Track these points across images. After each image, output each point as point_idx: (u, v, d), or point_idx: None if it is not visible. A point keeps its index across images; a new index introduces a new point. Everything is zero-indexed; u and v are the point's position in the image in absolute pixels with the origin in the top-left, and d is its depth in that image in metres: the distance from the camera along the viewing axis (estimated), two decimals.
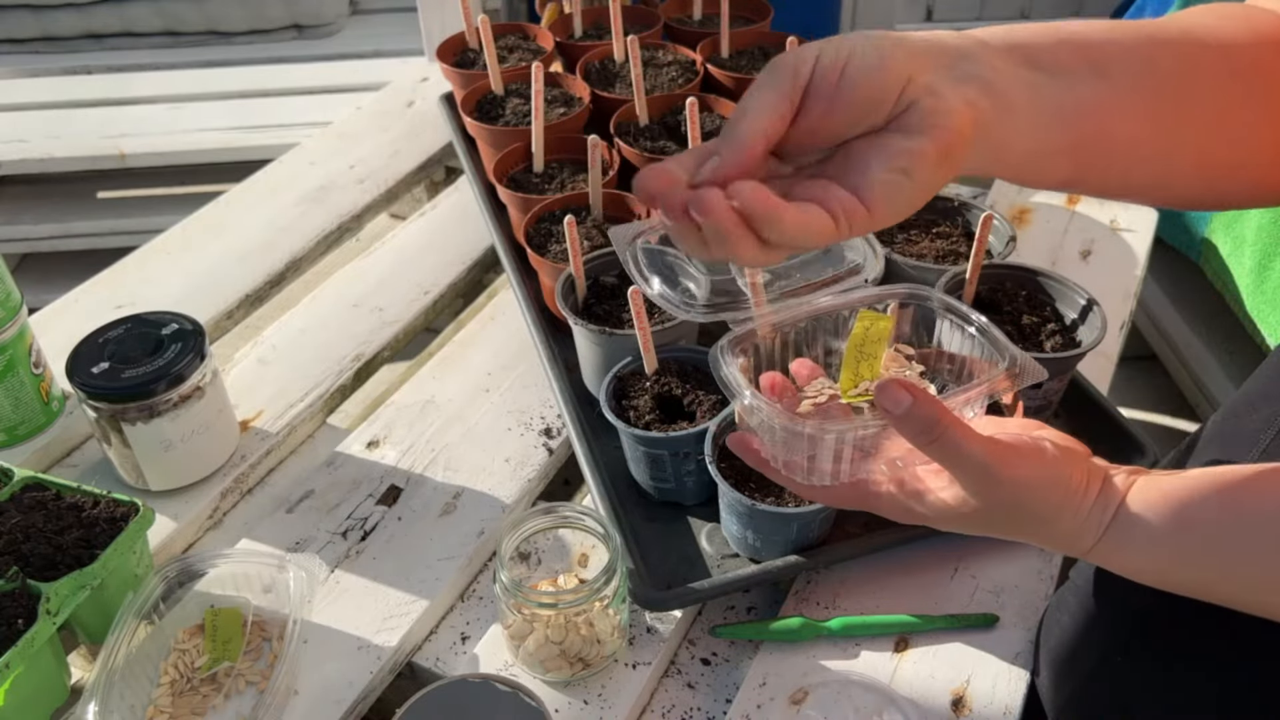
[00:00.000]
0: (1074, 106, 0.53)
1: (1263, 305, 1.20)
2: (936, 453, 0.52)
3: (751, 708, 0.64)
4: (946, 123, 0.47)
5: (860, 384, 0.60)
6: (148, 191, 1.88)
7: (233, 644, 0.66)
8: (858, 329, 0.59)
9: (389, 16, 2.18)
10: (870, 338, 0.59)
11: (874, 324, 0.59)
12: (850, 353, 0.59)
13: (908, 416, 0.51)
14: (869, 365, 0.59)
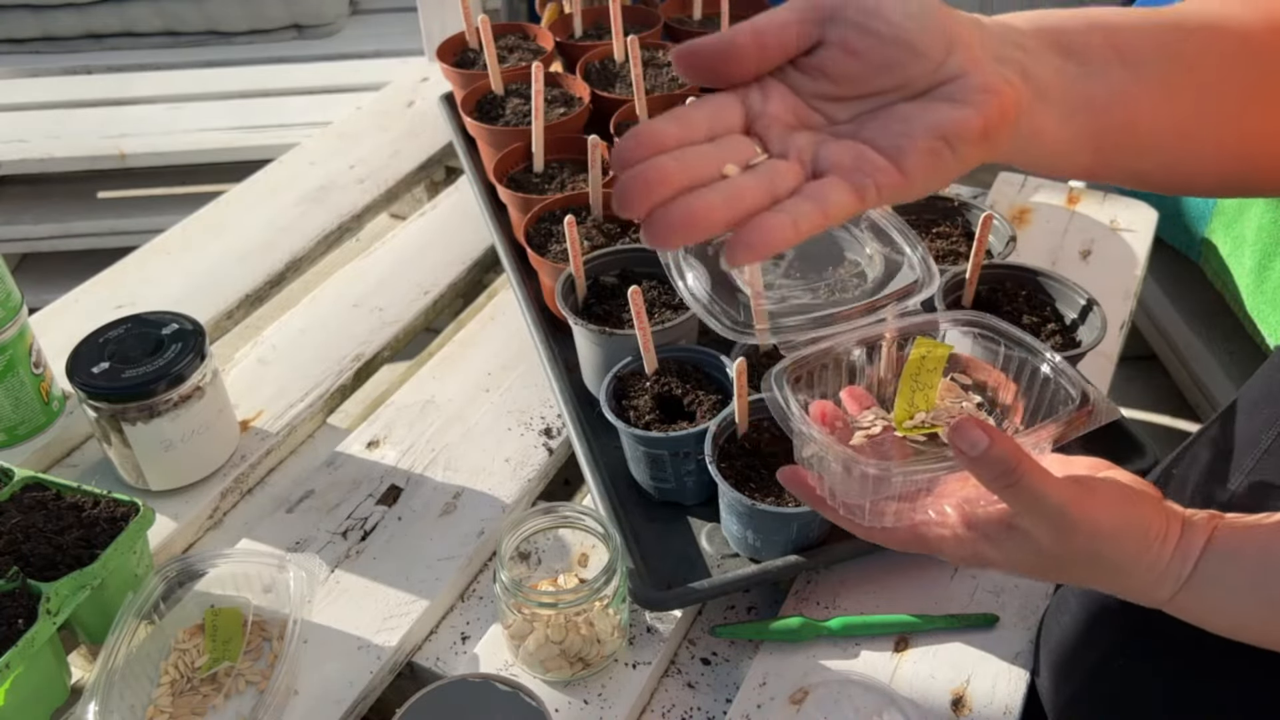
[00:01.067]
0: (1103, 96, 0.52)
1: (1263, 305, 1.20)
2: (1012, 497, 0.49)
3: (751, 707, 0.64)
4: (993, 100, 0.45)
5: (915, 415, 0.57)
6: (148, 191, 1.88)
7: (233, 644, 0.66)
8: (913, 357, 0.56)
9: (389, 16, 2.18)
10: (926, 366, 0.56)
11: (930, 352, 0.56)
12: (905, 382, 0.56)
13: (984, 459, 0.48)
14: (924, 395, 0.56)
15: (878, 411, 0.59)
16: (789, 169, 0.44)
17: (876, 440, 0.57)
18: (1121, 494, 0.52)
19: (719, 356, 0.77)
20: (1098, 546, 0.50)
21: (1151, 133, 0.56)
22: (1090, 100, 0.52)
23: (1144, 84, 0.54)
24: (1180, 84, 0.56)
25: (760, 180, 0.43)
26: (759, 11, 0.48)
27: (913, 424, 0.57)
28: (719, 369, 0.77)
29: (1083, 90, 0.51)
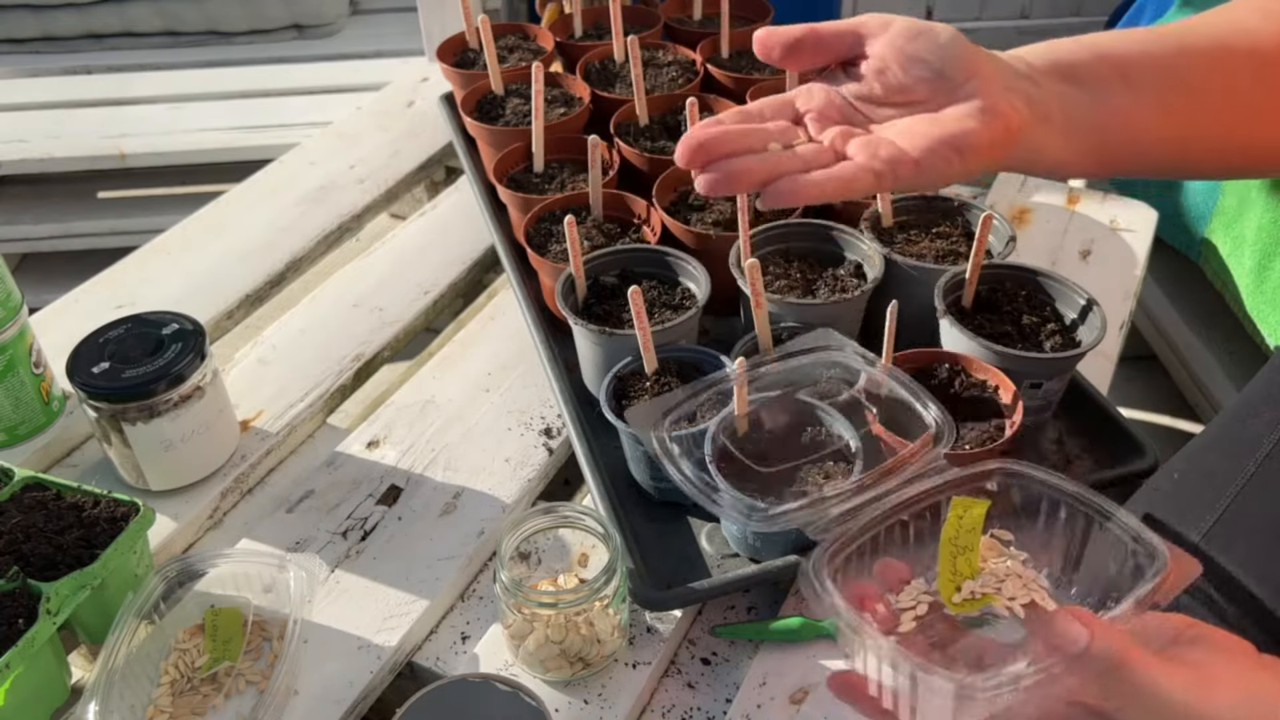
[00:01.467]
0: (1104, 117, 0.58)
1: (1263, 305, 1.20)
2: (1121, 694, 0.44)
3: (751, 707, 0.64)
4: (999, 121, 0.54)
5: (963, 586, 0.51)
6: (148, 191, 1.88)
7: (233, 644, 0.66)
8: (950, 521, 0.51)
9: (389, 16, 2.18)
10: (964, 528, 0.51)
11: (967, 512, 0.52)
12: (945, 550, 0.51)
13: (1087, 657, 0.43)
14: (966, 560, 0.51)
15: (919, 586, 0.53)
16: (823, 150, 0.54)
17: (925, 623, 0.51)
18: (1234, 666, 0.47)
19: (719, 357, 0.77)
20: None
21: (1152, 144, 0.61)
22: (1092, 121, 0.58)
23: (1146, 105, 0.59)
24: (1182, 105, 0.60)
25: (797, 155, 0.54)
26: (759, 12, 0.56)
27: (963, 597, 0.51)
28: (719, 369, 0.77)
29: (1085, 112, 0.58)
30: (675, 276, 0.87)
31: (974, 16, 2.36)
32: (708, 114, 1.05)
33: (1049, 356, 0.75)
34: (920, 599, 0.52)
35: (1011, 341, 0.76)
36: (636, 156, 0.99)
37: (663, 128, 1.05)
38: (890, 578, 0.54)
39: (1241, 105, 0.62)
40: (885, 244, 0.85)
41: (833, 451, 0.70)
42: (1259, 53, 0.61)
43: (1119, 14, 1.63)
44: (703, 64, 1.12)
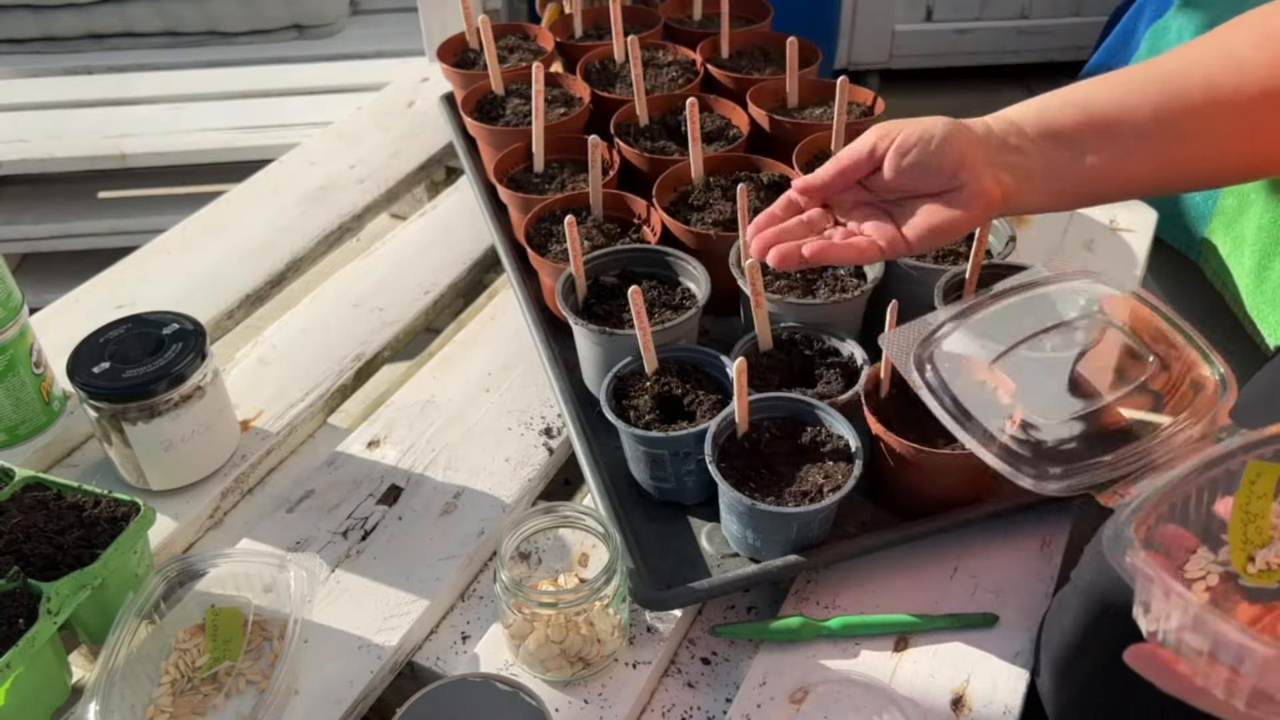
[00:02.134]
0: (1089, 172, 0.67)
1: (1262, 305, 1.20)
2: None
3: (751, 707, 0.64)
4: (982, 201, 0.66)
5: (1256, 555, 0.48)
6: (148, 191, 1.88)
7: (233, 643, 0.66)
8: (1244, 483, 0.49)
9: (389, 17, 2.18)
10: (1257, 493, 0.49)
11: (1260, 476, 0.49)
12: (1236, 516, 0.49)
13: None
14: (1257, 528, 0.48)
15: (1205, 555, 0.50)
16: (844, 231, 0.70)
17: (1218, 593, 0.49)
18: None
19: (719, 356, 0.77)
20: None
21: (1136, 187, 0.70)
22: (1077, 177, 0.67)
23: (1132, 158, 0.67)
24: (1167, 153, 0.67)
25: (825, 236, 0.70)
26: (759, 12, 0.57)
27: (1258, 568, 0.48)
28: (719, 369, 0.77)
29: (1070, 170, 0.67)
30: (675, 276, 0.87)
31: (974, 17, 2.36)
32: (708, 114, 1.05)
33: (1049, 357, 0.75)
34: (1209, 570, 0.49)
35: None
36: (636, 156, 0.99)
37: (663, 128, 1.05)
38: (1176, 546, 0.51)
39: (1228, 146, 0.67)
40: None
41: (833, 450, 0.70)
42: (1244, 90, 0.65)
43: (1119, 13, 1.63)
44: (703, 64, 1.13)
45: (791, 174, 0.96)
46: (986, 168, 0.66)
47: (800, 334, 0.80)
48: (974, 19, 2.36)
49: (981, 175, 0.66)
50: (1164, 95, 0.66)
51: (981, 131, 0.67)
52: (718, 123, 1.05)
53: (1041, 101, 0.69)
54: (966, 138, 0.66)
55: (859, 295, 0.81)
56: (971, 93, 2.45)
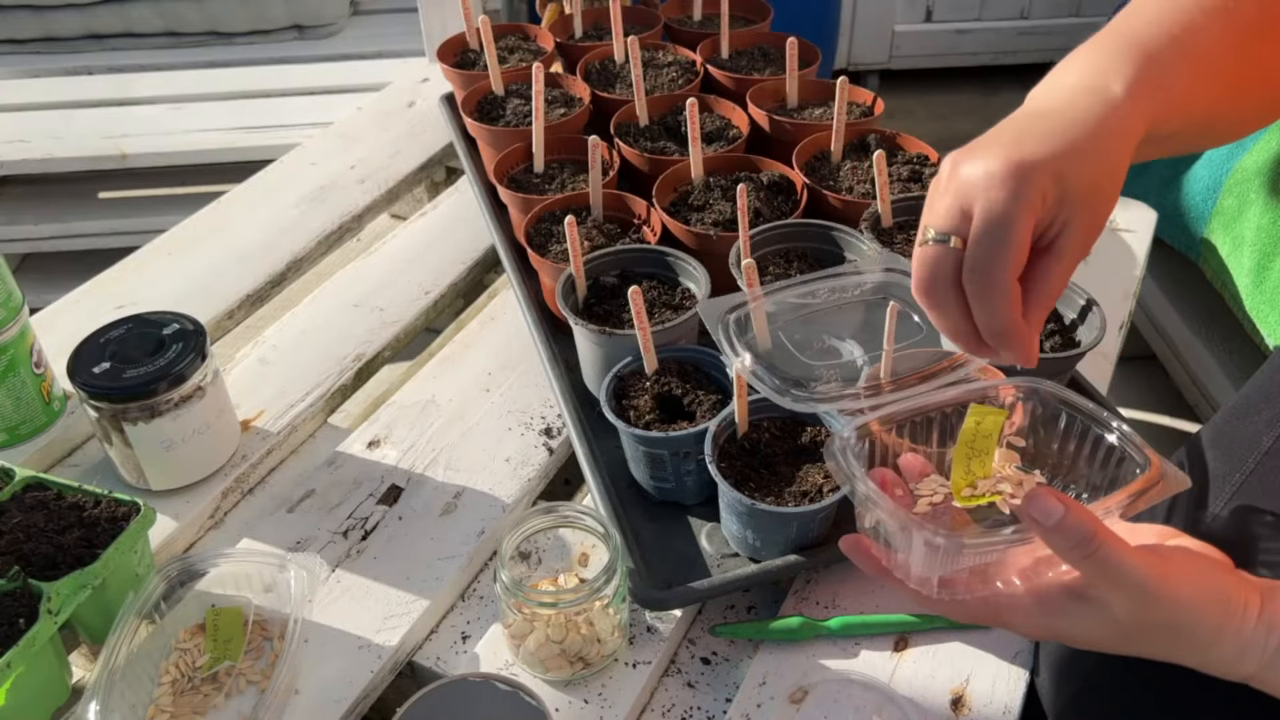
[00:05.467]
0: (1168, 146, 0.60)
1: (1262, 305, 1.20)
2: (1089, 568, 0.48)
3: (751, 707, 0.64)
4: (1088, 238, 0.52)
5: (975, 483, 0.56)
6: (149, 192, 1.88)
7: (234, 643, 0.66)
8: (968, 424, 0.55)
9: (390, 17, 2.19)
10: (981, 433, 0.55)
11: (984, 418, 0.55)
12: (960, 450, 0.55)
13: (1060, 529, 0.47)
14: (980, 463, 0.56)
15: (938, 479, 0.58)
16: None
17: (939, 509, 0.56)
18: (1200, 564, 0.50)
19: (719, 357, 0.77)
20: (1179, 618, 0.49)
21: (1209, 119, 0.61)
22: (1159, 151, 0.59)
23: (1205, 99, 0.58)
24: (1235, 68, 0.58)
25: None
26: (759, 12, 0.54)
27: (972, 493, 0.56)
28: (719, 369, 0.77)
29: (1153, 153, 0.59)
30: (675, 276, 0.87)
31: (974, 17, 2.36)
32: (708, 114, 1.05)
33: (1048, 356, 0.75)
34: (937, 490, 0.57)
35: None
36: (636, 157, 0.99)
37: (663, 128, 1.05)
38: (913, 469, 0.59)
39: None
40: (885, 244, 0.85)
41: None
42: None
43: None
44: (703, 64, 1.13)
45: (791, 174, 0.96)
46: (1078, 203, 0.53)
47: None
48: (974, 19, 2.36)
49: (1078, 211, 0.53)
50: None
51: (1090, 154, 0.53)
52: (718, 123, 1.05)
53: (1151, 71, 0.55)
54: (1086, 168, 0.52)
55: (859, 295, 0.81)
56: (971, 93, 2.45)
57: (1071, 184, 0.50)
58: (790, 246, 0.88)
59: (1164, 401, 1.59)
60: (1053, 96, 0.55)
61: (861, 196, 0.93)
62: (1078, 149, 0.51)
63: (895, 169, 0.97)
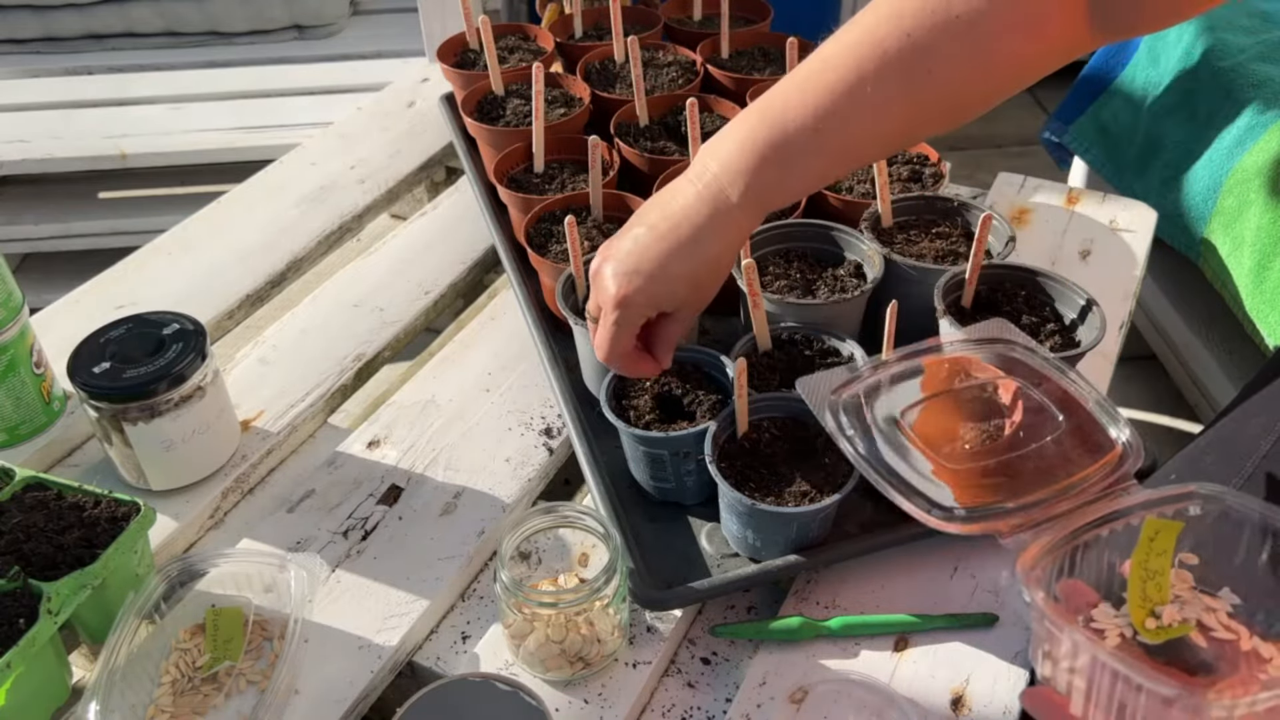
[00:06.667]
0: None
1: (1262, 305, 1.20)
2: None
3: (751, 707, 0.64)
4: (694, 309, 0.73)
5: (1157, 611, 0.49)
6: (149, 192, 1.88)
7: (234, 643, 0.66)
8: (1143, 540, 0.49)
9: (390, 17, 2.19)
10: (1156, 550, 0.49)
11: (1159, 533, 0.49)
12: (1135, 572, 0.49)
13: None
14: (1156, 585, 0.49)
15: (1108, 611, 0.51)
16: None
17: (1123, 650, 0.49)
18: None
19: (719, 356, 0.77)
20: None
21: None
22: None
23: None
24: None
25: None
26: (759, 12, 0.55)
27: (1157, 624, 0.49)
28: (719, 369, 0.77)
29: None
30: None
31: None
32: (708, 114, 1.05)
33: None
34: (1111, 625, 0.50)
35: None
36: (636, 157, 0.99)
37: (663, 128, 1.05)
38: (1077, 600, 0.52)
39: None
40: (885, 244, 0.85)
41: (833, 450, 0.70)
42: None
43: None
44: (703, 64, 1.13)
45: None
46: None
47: (800, 334, 0.80)
48: None
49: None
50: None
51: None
52: (718, 123, 1.05)
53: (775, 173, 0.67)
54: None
55: (859, 295, 0.81)
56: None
57: (671, 291, 0.69)
58: (790, 246, 0.88)
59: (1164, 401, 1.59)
60: (686, 199, 0.69)
61: (861, 196, 0.93)
62: (673, 269, 0.68)
63: (895, 169, 0.97)
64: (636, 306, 0.69)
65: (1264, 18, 1.44)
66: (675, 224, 0.69)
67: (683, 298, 0.70)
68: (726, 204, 0.67)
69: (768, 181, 0.67)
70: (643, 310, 0.69)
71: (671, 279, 0.68)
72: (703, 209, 0.68)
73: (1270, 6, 1.47)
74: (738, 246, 0.71)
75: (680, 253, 0.68)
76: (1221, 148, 1.30)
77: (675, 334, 0.73)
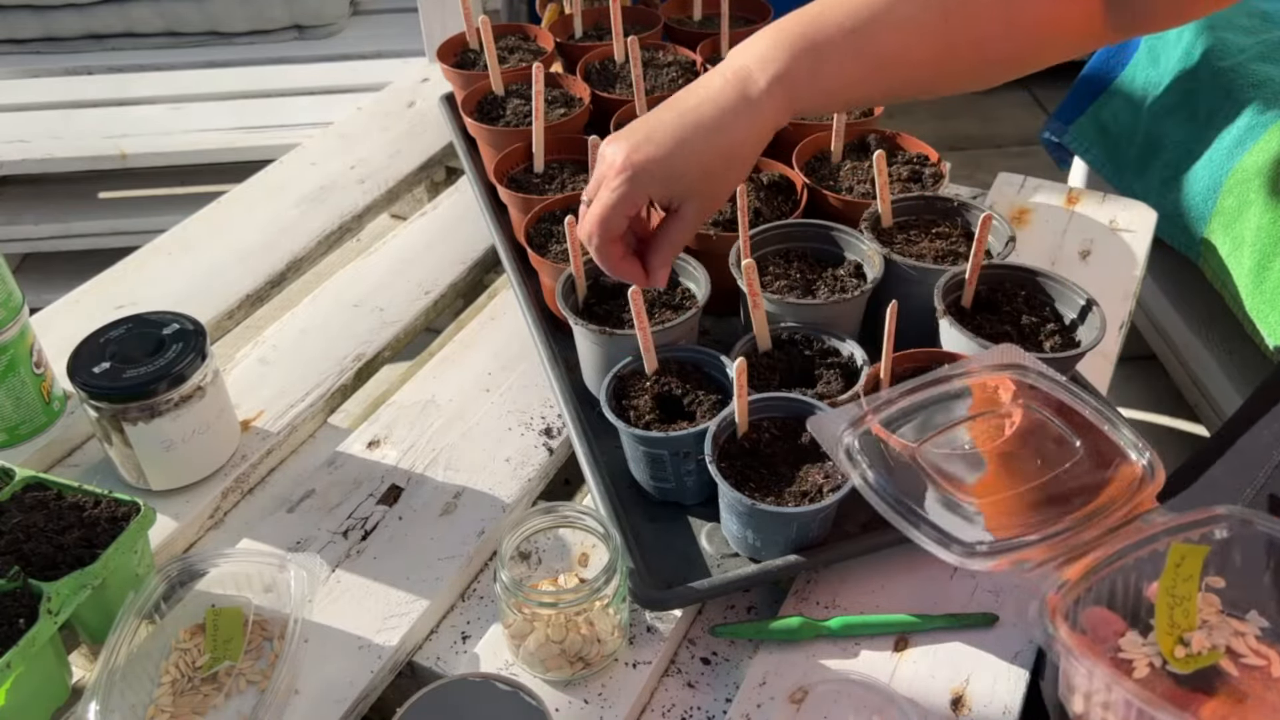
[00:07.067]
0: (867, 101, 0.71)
1: (1262, 305, 1.20)
2: None
3: (751, 707, 0.64)
4: (704, 206, 0.70)
5: (1186, 639, 0.48)
6: (149, 191, 1.88)
7: (234, 643, 0.66)
8: (1168, 568, 0.48)
9: (390, 17, 2.19)
10: (1182, 576, 0.48)
11: (1185, 558, 0.48)
12: (1162, 600, 0.48)
13: None
14: (1183, 611, 0.48)
15: (1135, 639, 0.50)
16: None
17: (1153, 678, 0.49)
18: None
19: (719, 356, 0.77)
20: None
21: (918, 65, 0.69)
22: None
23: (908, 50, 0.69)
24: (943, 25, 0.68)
25: None
26: (759, 12, 0.57)
27: (1187, 653, 0.48)
28: (719, 369, 0.77)
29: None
30: (675, 276, 0.87)
31: None
32: None
33: (1048, 357, 0.75)
34: (1140, 653, 0.49)
35: (1011, 342, 0.76)
36: None
37: None
38: (1104, 630, 0.51)
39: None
40: (885, 244, 0.85)
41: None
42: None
43: None
44: (703, 64, 1.13)
45: (791, 174, 0.96)
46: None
47: (800, 334, 0.80)
48: None
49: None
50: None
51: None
52: None
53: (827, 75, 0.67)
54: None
55: (859, 295, 0.81)
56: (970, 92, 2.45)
57: (682, 172, 0.65)
58: (790, 246, 0.88)
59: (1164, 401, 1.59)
60: (713, 83, 0.67)
61: (861, 196, 0.93)
62: (689, 147, 0.65)
63: (895, 169, 0.97)
64: (643, 176, 0.65)
65: (1264, 18, 1.44)
66: (698, 103, 0.66)
67: (691, 184, 0.66)
68: (754, 89, 0.65)
69: (799, 73, 0.65)
70: (647, 184, 0.65)
71: (686, 156, 0.65)
72: (729, 92, 0.66)
73: (1270, 6, 1.47)
74: (759, 141, 0.67)
75: (699, 132, 0.65)
76: (1221, 148, 1.30)
77: (675, 240, 0.68)
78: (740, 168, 0.68)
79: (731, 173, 0.67)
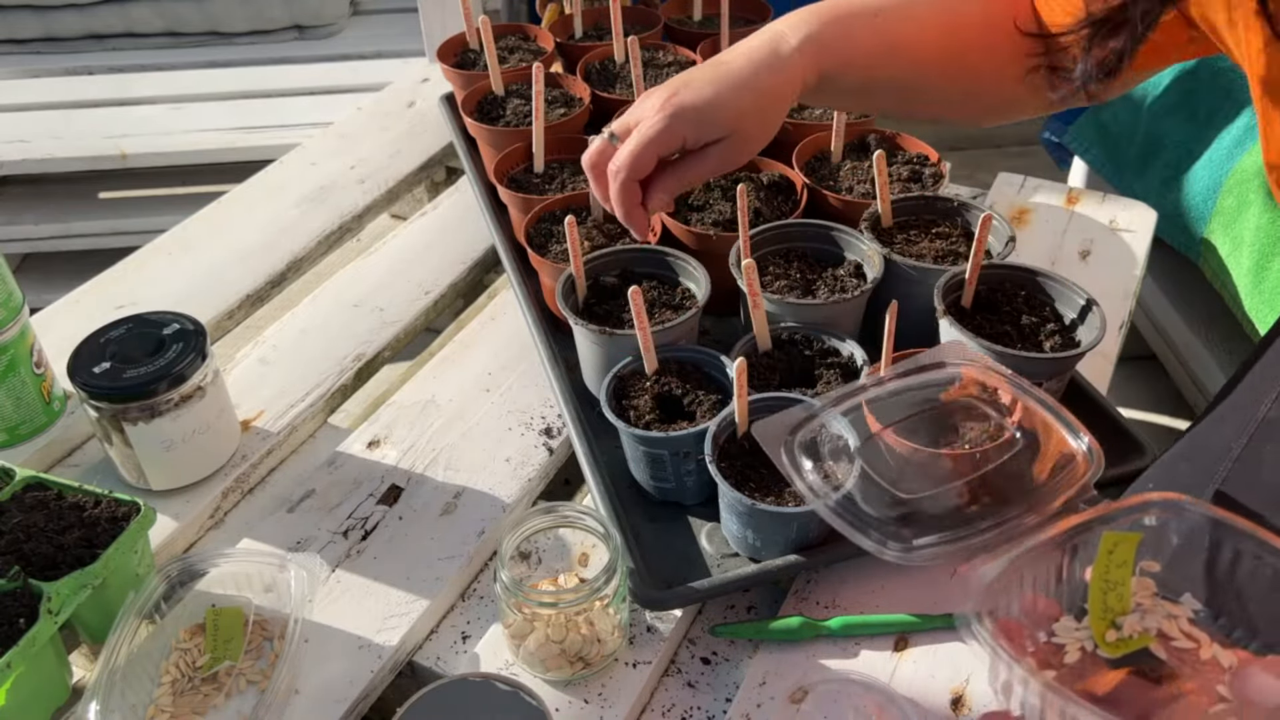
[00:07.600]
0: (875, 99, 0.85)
1: (1261, 305, 1.20)
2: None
3: (751, 707, 0.64)
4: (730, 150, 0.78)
5: (1119, 623, 0.49)
6: (149, 192, 1.88)
7: (234, 643, 0.66)
8: (1102, 553, 0.49)
9: (390, 17, 2.19)
10: (1115, 562, 0.49)
11: (1118, 545, 0.49)
12: (1096, 585, 0.49)
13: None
14: (1117, 596, 0.49)
15: (1069, 624, 0.51)
16: None
17: (1086, 661, 0.49)
18: None
19: (719, 356, 0.77)
20: None
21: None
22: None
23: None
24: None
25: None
26: (759, 12, 0.61)
27: (1118, 636, 0.49)
28: (719, 369, 0.77)
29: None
30: (675, 276, 0.87)
31: None
32: None
33: (1048, 356, 0.75)
34: (1072, 638, 0.50)
35: (1011, 341, 0.76)
36: None
37: None
38: (1039, 614, 0.52)
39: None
40: (885, 244, 0.85)
41: (831, 450, 0.70)
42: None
43: None
44: None
45: (791, 174, 0.96)
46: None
47: (800, 334, 0.80)
48: None
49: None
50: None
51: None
52: None
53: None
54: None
55: (859, 295, 0.81)
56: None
57: (718, 111, 0.72)
58: (790, 246, 0.88)
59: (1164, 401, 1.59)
60: (748, 43, 0.76)
61: (861, 196, 0.93)
62: (724, 95, 0.73)
63: (895, 169, 0.97)
64: (681, 116, 0.72)
65: None
66: (732, 59, 0.75)
67: (725, 123, 0.73)
68: (786, 46, 0.74)
69: (827, 37, 0.75)
70: (683, 124, 0.72)
71: (722, 101, 0.72)
72: (762, 49, 0.74)
73: None
74: (790, 90, 0.75)
75: (733, 81, 0.73)
76: (1221, 148, 1.30)
77: (686, 176, 0.76)
78: (773, 116, 0.75)
79: (761, 113, 0.74)
